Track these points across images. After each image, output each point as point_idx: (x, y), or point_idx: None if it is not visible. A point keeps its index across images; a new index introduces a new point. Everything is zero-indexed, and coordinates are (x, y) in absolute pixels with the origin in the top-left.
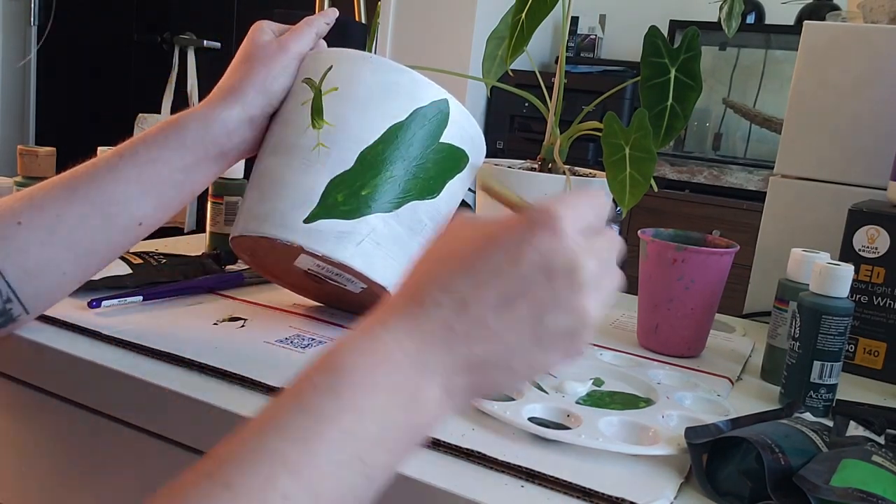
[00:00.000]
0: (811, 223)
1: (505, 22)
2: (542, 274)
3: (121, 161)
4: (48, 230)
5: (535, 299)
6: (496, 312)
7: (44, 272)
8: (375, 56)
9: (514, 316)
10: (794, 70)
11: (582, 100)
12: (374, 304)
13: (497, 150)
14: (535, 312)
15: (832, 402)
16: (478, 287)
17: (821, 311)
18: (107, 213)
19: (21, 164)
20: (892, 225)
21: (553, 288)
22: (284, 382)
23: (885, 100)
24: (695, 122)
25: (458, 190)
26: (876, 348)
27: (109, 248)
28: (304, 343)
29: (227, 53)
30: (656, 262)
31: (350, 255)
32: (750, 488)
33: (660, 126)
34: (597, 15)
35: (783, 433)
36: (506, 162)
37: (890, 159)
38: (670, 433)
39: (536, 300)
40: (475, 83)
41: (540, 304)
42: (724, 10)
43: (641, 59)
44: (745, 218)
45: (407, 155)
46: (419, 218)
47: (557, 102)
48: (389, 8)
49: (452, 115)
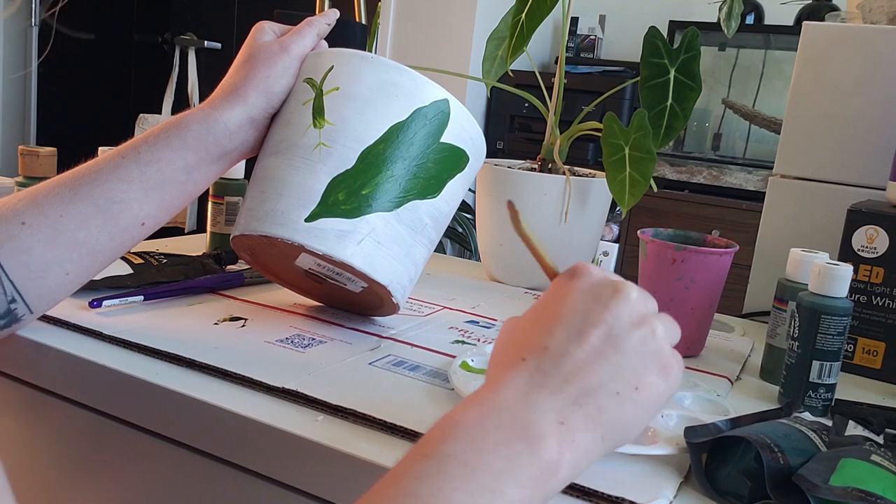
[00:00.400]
0: (810, 223)
1: (505, 22)
2: (593, 301)
3: (123, 161)
4: (52, 230)
5: (598, 322)
6: (574, 346)
7: (47, 272)
8: (376, 56)
9: (588, 343)
10: (794, 70)
11: (582, 100)
12: (374, 304)
13: (497, 150)
14: (605, 332)
15: (831, 401)
16: (549, 335)
17: (820, 311)
18: (109, 213)
19: (22, 164)
20: (892, 225)
21: (608, 308)
22: (284, 383)
23: (885, 100)
24: (694, 122)
25: (458, 190)
26: (875, 348)
27: (112, 248)
28: (304, 343)
29: (227, 54)
30: (656, 261)
31: (351, 253)
32: (749, 488)
33: (659, 126)
34: (597, 15)
35: (782, 433)
36: (506, 162)
37: (889, 159)
38: (670, 433)
39: (601, 323)
40: (475, 83)
41: (606, 324)
42: (723, 10)
43: (641, 60)
44: (744, 218)
45: (408, 154)
46: (420, 217)
47: (557, 102)
48: (389, 8)
49: (453, 115)
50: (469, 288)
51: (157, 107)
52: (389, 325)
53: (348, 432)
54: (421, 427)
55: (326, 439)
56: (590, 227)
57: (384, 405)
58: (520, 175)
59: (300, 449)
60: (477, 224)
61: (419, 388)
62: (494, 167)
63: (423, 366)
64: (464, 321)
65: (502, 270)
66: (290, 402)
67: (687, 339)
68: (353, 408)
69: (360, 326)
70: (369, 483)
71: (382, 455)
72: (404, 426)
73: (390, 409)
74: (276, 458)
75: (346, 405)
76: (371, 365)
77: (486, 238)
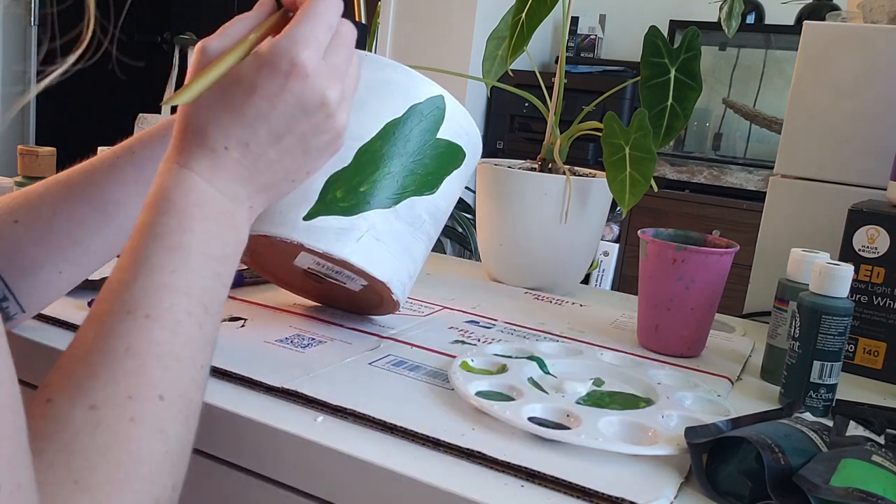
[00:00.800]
0: (811, 223)
1: (505, 22)
2: (300, 112)
3: (119, 160)
4: (45, 229)
5: (298, 132)
6: (271, 147)
7: (40, 271)
8: (371, 53)
9: (285, 147)
10: (794, 70)
11: (582, 100)
12: (373, 302)
13: (497, 150)
14: (300, 140)
15: (832, 401)
16: (253, 131)
17: (821, 311)
18: (104, 213)
19: (21, 164)
20: (892, 225)
21: (311, 120)
22: (284, 383)
23: (885, 100)
24: (695, 122)
25: (455, 186)
26: (876, 348)
27: (106, 248)
28: (304, 343)
29: None
30: (656, 261)
31: (350, 251)
32: (750, 488)
33: (660, 126)
34: (597, 15)
35: (783, 433)
36: (506, 162)
37: (890, 159)
38: (670, 433)
39: (300, 133)
40: (475, 83)
41: (303, 134)
42: (724, 10)
43: (641, 59)
44: (745, 218)
45: (404, 151)
46: (418, 213)
47: (557, 102)
48: (389, 8)
49: (449, 112)
50: (469, 288)
51: (156, 107)
52: (389, 325)
53: (348, 432)
54: (421, 427)
55: (326, 439)
56: (590, 227)
57: (384, 405)
58: (520, 175)
59: (300, 449)
60: (477, 224)
61: (419, 388)
62: (494, 167)
63: (423, 366)
64: (464, 321)
65: (502, 270)
66: (289, 402)
67: (687, 339)
68: (353, 408)
69: (359, 326)
70: (369, 483)
71: (382, 455)
72: (404, 426)
73: (390, 409)
74: (276, 458)
75: (346, 405)
76: (371, 365)
77: (486, 238)
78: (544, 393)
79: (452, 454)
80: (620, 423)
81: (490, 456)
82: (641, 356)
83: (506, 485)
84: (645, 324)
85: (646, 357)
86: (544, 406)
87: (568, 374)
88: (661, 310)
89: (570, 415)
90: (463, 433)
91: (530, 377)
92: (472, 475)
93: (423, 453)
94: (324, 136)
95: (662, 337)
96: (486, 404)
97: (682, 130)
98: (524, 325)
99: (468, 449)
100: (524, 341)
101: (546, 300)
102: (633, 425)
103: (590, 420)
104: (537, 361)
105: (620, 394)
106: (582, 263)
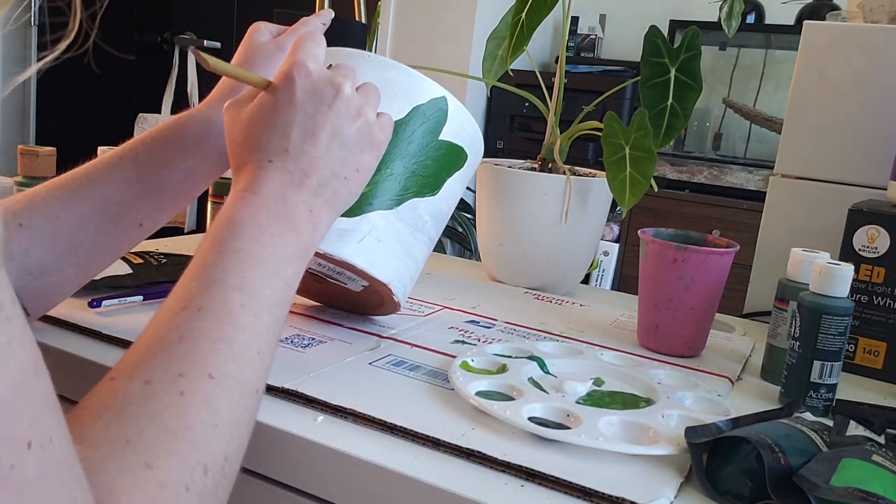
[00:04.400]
0: (811, 223)
1: (505, 22)
2: (318, 102)
3: (121, 162)
4: (49, 232)
5: (327, 125)
6: (309, 144)
7: (45, 274)
8: (374, 54)
9: (322, 142)
10: (794, 70)
11: (582, 100)
12: (374, 303)
13: (497, 150)
14: (333, 132)
15: (832, 401)
16: (286, 136)
17: (821, 311)
18: (107, 215)
19: (22, 164)
20: (892, 225)
21: (333, 108)
22: (284, 382)
23: (885, 100)
24: (695, 121)
25: (457, 187)
26: (876, 348)
27: (110, 249)
28: (304, 343)
29: (227, 53)
30: (656, 261)
31: (352, 252)
32: (750, 488)
33: (660, 126)
34: (597, 15)
35: (783, 433)
36: (506, 162)
37: (890, 159)
38: (670, 433)
39: (329, 125)
40: (475, 83)
41: (332, 126)
42: (724, 10)
43: (641, 59)
44: (745, 218)
45: (406, 152)
46: (419, 215)
47: (557, 102)
48: (389, 8)
49: (451, 113)
50: (469, 288)
51: (156, 106)
52: (389, 324)
53: (348, 432)
54: (421, 427)
55: (326, 439)
56: (590, 227)
57: (384, 405)
58: (520, 175)
59: (300, 449)
60: (477, 224)
61: (419, 388)
62: (494, 167)
63: (423, 366)
64: (464, 321)
65: (502, 270)
66: (289, 401)
67: (687, 338)
68: (352, 408)
69: (360, 326)
70: (369, 483)
71: (382, 455)
72: (404, 426)
73: (390, 409)
74: (275, 458)
75: (346, 405)
76: (371, 365)
77: (486, 238)
78: (544, 393)
79: (452, 454)
80: (620, 422)
81: (490, 456)
82: (641, 356)
83: (506, 485)
84: (645, 323)
85: (646, 357)
86: (544, 406)
87: (568, 374)
88: (662, 310)
89: (571, 415)
90: (463, 433)
91: (530, 377)
92: (472, 475)
93: (423, 453)
94: (353, 123)
95: (662, 337)
96: (487, 404)
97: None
98: (524, 325)
99: (468, 449)
100: (524, 341)
101: (546, 300)
102: (634, 425)
103: (590, 420)
104: (537, 361)
105: (620, 393)
106: (582, 263)
